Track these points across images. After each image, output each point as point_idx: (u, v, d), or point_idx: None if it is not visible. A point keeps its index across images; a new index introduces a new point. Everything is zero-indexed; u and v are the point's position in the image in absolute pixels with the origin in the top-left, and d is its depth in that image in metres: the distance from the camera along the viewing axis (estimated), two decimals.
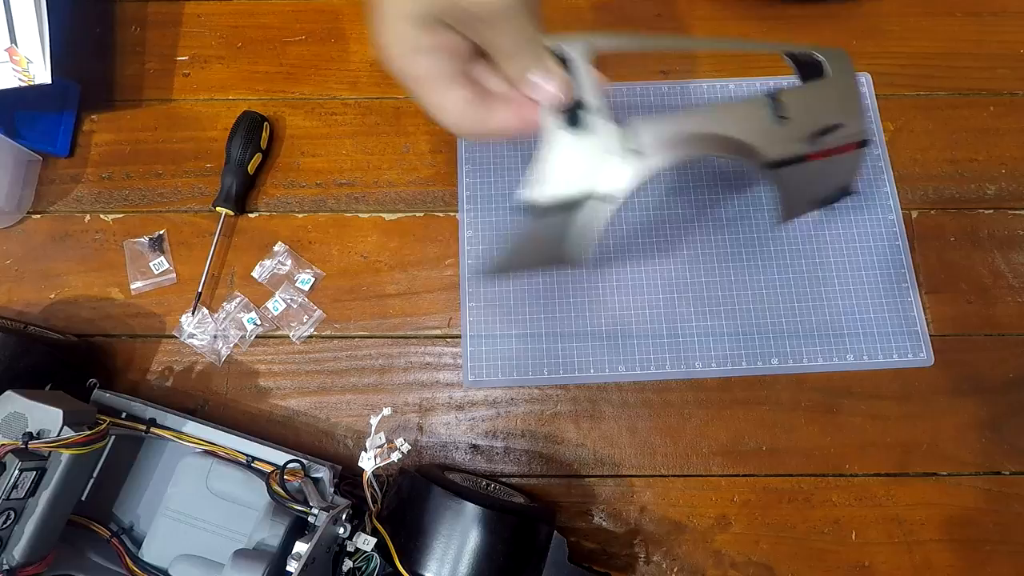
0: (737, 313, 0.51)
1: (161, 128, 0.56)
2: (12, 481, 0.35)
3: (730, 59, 0.57)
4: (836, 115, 0.39)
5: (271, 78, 0.58)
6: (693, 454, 0.49)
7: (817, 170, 0.41)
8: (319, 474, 0.43)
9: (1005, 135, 0.56)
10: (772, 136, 0.38)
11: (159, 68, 0.58)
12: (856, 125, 0.40)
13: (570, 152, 0.34)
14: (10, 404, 0.37)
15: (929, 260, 0.53)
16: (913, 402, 0.50)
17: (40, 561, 0.38)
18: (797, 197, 0.43)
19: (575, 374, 0.50)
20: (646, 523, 0.48)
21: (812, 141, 0.39)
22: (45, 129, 0.54)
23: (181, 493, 0.42)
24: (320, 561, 0.38)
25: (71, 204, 0.54)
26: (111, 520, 0.44)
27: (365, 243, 0.53)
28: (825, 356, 0.50)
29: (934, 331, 0.51)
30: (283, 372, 0.51)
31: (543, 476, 0.49)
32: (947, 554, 0.47)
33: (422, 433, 0.50)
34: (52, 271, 0.53)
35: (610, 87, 0.57)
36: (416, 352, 0.51)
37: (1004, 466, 0.49)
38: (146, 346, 0.51)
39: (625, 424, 0.50)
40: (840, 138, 0.40)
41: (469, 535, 0.39)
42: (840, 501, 0.48)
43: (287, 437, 0.50)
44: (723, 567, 0.47)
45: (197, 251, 0.53)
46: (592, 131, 0.34)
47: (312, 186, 0.55)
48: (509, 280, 0.50)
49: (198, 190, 0.55)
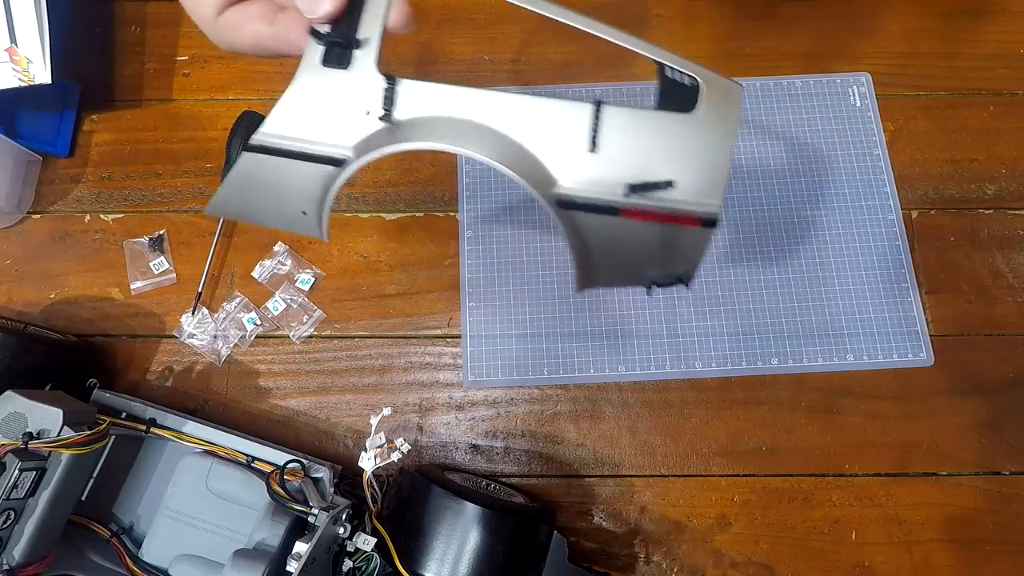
0: (737, 313, 0.51)
1: (161, 128, 0.56)
2: (12, 481, 0.35)
3: (731, 59, 0.57)
4: (678, 168, 0.27)
5: (271, 78, 0.58)
6: (693, 454, 0.49)
7: (637, 233, 0.29)
8: (319, 474, 0.43)
9: (1005, 135, 0.56)
10: (575, 163, 0.27)
11: (159, 68, 0.58)
12: (708, 195, 0.27)
13: (319, 93, 0.27)
14: (10, 404, 0.37)
15: (929, 260, 0.53)
16: (913, 402, 0.50)
17: (40, 561, 0.38)
18: (601, 259, 0.30)
19: (575, 374, 0.50)
20: (646, 523, 0.48)
21: (628, 190, 0.27)
22: (45, 129, 0.54)
23: (181, 493, 0.42)
24: (320, 561, 0.38)
25: (71, 204, 0.54)
26: (111, 520, 0.44)
27: (365, 243, 0.53)
28: (825, 356, 0.50)
29: (934, 331, 0.51)
30: (283, 372, 0.51)
31: (543, 476, 0.49)
32: (947, 554, 0.47)
33: (422, 433, 0.50)
34: (52, 271, 0.53)
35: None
36: (416, 352, 0.51)
37: (1004, 466, 0.49)
38: (146, 346, 0.51)
39: (625, 424, 0.50)
40: (672, 202, 0.27)
41: (469, 535, 0.39)
42: (840, 501, 0.48)
43: (287, 437, 0.50)
44: (723, 567, 0.47)
45: (197, 251, 0.53)
46: (353, 78, 0.27)
47: None
48: None
49: (198, 190, 0.55)
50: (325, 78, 0.27)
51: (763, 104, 0.55)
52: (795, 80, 0.56)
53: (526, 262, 0.52)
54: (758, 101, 0.56)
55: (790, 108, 0.55)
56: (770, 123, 0.55)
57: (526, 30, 0.58)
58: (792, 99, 0.56)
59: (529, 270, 0.52)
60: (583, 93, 0.56)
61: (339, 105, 0.27)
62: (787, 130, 0.55)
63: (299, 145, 0.28)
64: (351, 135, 0.27)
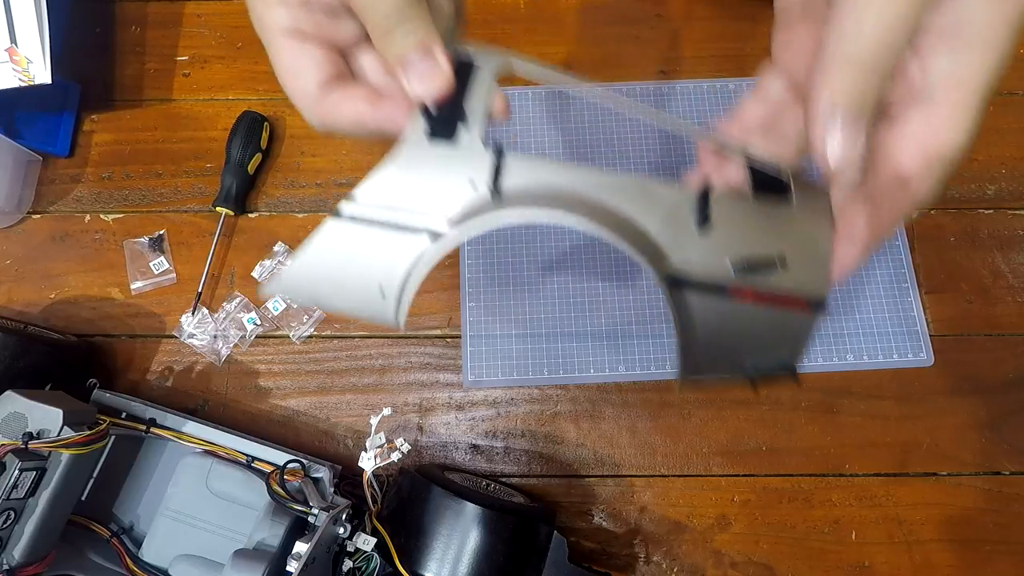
0: None
1: (161, 128, 0.56)
2: (12, 481, 0.35)
3: (731, 59, 0.57)
4: (783, 252, 0.28)
5: (271, 78, 0.57)
6: (693, 454, 0.49)
7: (743, 316, 0.29)
8: (319, 474, 0.43)
9: (1005, 135, 0.56)
10: (685, 240, 0.27)
11: (159, 68, 0.58)
12: (814, 281, 0.28)
13: (423, 167, 0.27)
14: (10, 404, 0.37)
15: (929, 260, 0.53)
16: (913, 402, 0.50)
17: (40, 561, 0.38)
18: (708, 344, 0.29)
19: (575, 374, 0.50)
20: (646, 523, 0.48)
21: (739, 270, 0.27)
22: (45, 129, 0.54)
23: (181, 493, 0.42)
24: (320, 561, 0.38)
25: (71, 204, 0.54)
26: (111, 520, 0.44)
27: None
28: (825, 356, 0.50)
29: (934, 331, 0.51)
30: (283, 372, 0.51)
31: (543, 476, 0.49)
32: (947, 554, 0.47)
33: (422, 433, 0.50)
34: (52, 271, 0.53)
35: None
36: (416, 352, 0.51)
37: (1004, 466, 0.49)
38: (146, 346, 0.51)
39: (625, 424, 0.50)
40: (781, 284, 0.28)
41: (469, 535, 0.39)
42: (840, 501, 0.48)
43: (287, 437, 0.50)
44: (723, 567, 0.47)
45: (197, 251, 0.53)
46: (460, 153, 0.27)
47: (312, 186, 0.55)
48: None
49: (198, 190, 0.55)
50: (428, 152, 0.27)
51: None
52: None
53: (526, 262, 0.52)
54: None
55: None
56: None
57: (526, 30, 0.58)
58: None
59: (529, 270, 0.52)
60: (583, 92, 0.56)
61: (443, 178, 0.27)
62: None
63: (395, 216, 0.26)
64: (452, 207, 0.26)
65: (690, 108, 0.56)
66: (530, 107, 0.56)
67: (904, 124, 0.25)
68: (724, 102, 0.56)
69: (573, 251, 0.52)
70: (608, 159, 0.54)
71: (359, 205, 0.26)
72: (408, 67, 0.25)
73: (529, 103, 0.56)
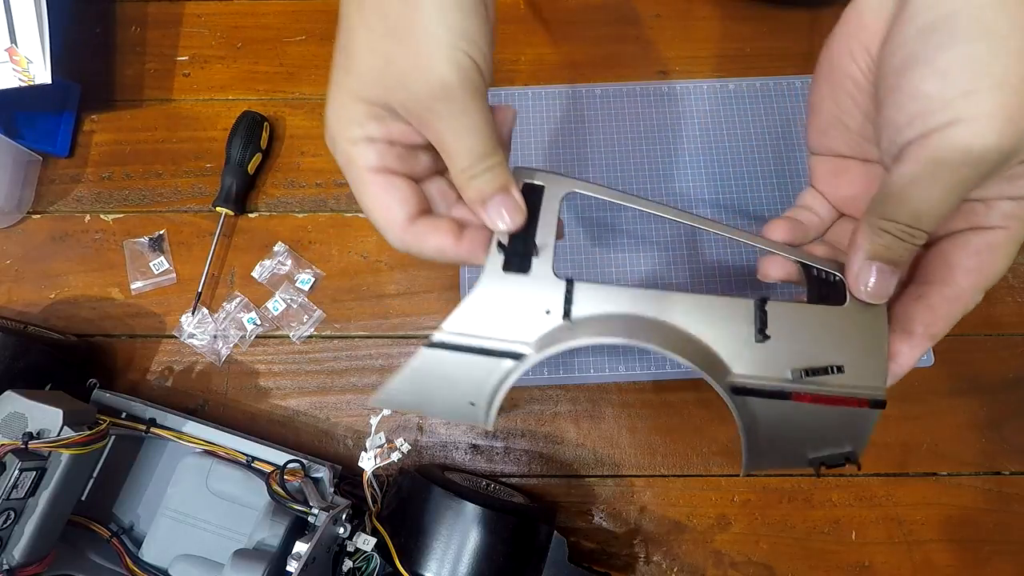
0: None
1: (161, 128, 0.56)
2: (12, 481, 0.35)
3: (731, 59, 0.57)
4: (841, 354, 0.30)
5: (271, 78, 0.58)
6: (693, 454, 0.49)
7: (805, 416, 0.31)
8: (319, 474, 0.43)
9: None
10: (745, 352, 0.30)
11: (159, 68, 0.58)
12: (872, 379, 0.30)
13: (501, 295, 0.30)
14: (10, 404, 0.37)
15: None
16: (913, 402, 0.50)
17: (40, 561, 0.38)
18: (771, 442, 0.32)
19: (575, 374, 0.50)
20: (646, 523, 0.48)
21: (799, 377, 0.30)
22: (45, 129, 0.54)
23: (181, 493, 0.42)
24: (320, 561, 0.38)
25: (71, 204, 0.54)
26: (111, 520, 0.44)
27: (365, 243, 0.53)
28: None
29: None
30: (283, 372, 0.51)
31: (543, 476, 0.49)
32: (947, 554, 0.47)
33: (422, 433, 0.50)
34: (52, 271, 0.53)
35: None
36: None
37: (1004, 466, 0.49)
38: (146, 346, 0.51)
39: (625, 424, 0.50)
40: (842, 386, 0.30)
41: (469, 535, 0.39)
42: (840, 501, 0.48)
43: (287, 437, 0.50)
44: (723, 567, 0.47)
45: (197, 251, 0.53)
46: (533, 282, 0.30)
47: (312, 186, 0.55)
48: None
49: (198, 190, 0.55)
50: (506, 283, 0.30)
51: (763, 104, 0.55)
52: (795, 80, 0.56)
53: None
54: (758, 101, 0.55)
55: (790, 108, 0.55)
56: (769, 123, 0.55)
57: (526, 30, 0.58)
58: (792, 99, 0.56)
59: None
60: (583, 92, 0.56)
61: (520, 305, 0.30)
62: (787, 130, 0.55)
63: (481, 342, 0.30)
64: (531, 332, 0.30)
65: (690, 108, 0.56)
66: (530, 107, 0.56)
67: (965, 245, 0.29)
68: (724, 102, 0.56)
69: (573, 251, 0.52)
70: (608, 159, 0.54)
71: (447, 334, 0.30)
72: (490, 206, 0.28)
73: (529, 103, 0.56)
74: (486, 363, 0.30)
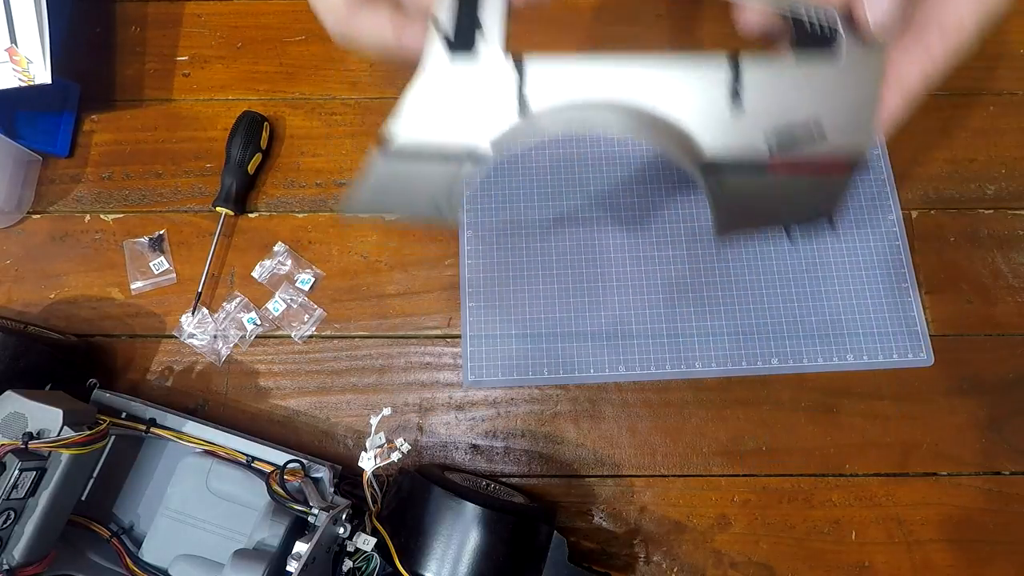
0: (737, 313, 0.51)
1: (161, 128, 0.56)
2: (12, 481, 0.35)
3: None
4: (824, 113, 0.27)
5: (271, 78, 0.58)
6: (693, 454, 0.49)
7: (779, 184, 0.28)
8: (319, 474, 0.43)
9: (1005, 135, 0.56)
10: (718, 125, 0.27)
11: (159, 68, 0.58)
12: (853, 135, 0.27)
13: (448, 87, 0.27)
14: (10, 404, 0.37)
15: (929, 260, 0.53)
16: (913, 402, 0.50)
17: (40, 561, 0.38)
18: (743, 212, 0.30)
19: (575, 374, 0.50)
20: (646, 523, 0.48)
21: (775, 144, 0.27)
22: (45, 129, 0.54)
23: (181, 493, 0.42)
24: (320, 561, 0.38)
25: (71, 204, 0.54)
26: (111, 520, 0.44)
27: (365, 243, 0.53)
28: (825, 356, 0.50)
29: (934, 331, 0.51)
30: (283, 372, 0.51)
31: (543, 476, 0.49)
32: (947, 554, 0.47)
33: (422, 433, 0.50)
34: (52, 271, 0.53)
35: None
36: (416, 352, 0.51)
37: (1004, 466, 0.49)
38: (146, 346, 0.51)
39: (625, 424, 0.50)
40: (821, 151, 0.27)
41: (469, 535, 0.39)
42: (840, 501, 0.48)
43: (287, 437, 0.50)
44: (723, 567, 0.47)
45: (197, 251, 0.53)
46: (481, 65, 0.27)
47: (312, 186, 0.55)
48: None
49: (198, 190, 0.55)
50: (451, 70, 0.27)
51: None
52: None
53: (526, 262, 0.52)
54: None
55: None
56: None
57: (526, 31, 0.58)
58: None
59: (529, 270, 0.52)
60: None
61: (470, 99, 0.27)
62: None
63: (435, 148, 0.27)
64: (487, 130, 0.27)
65: None
66: None
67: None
68: None
69: (573, 250, 0.52)
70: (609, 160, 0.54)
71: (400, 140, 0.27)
72: None
73: None
74: (444, 168, 0.28)
